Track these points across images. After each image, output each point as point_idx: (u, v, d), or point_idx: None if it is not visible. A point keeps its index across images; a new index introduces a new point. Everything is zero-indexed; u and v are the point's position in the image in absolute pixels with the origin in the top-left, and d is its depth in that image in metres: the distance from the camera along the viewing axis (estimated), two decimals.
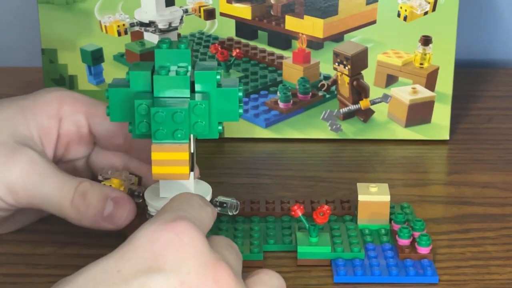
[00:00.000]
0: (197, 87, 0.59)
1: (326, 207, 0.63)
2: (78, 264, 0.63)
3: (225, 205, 0.63)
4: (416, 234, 0.64)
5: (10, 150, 0.61)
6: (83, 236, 0.65)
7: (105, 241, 0.62)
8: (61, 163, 0.67)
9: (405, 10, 0.81)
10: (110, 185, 0.64)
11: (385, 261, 0.63)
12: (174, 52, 0.58)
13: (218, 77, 0.59)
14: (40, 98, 0.65)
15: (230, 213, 0.63)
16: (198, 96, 0.58)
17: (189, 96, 0.58)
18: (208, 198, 0.62)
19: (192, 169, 0.61)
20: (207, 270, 0.49)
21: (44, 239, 0.66)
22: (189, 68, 0.59)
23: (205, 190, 0.63)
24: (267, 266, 0.63)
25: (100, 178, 0.65)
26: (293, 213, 0.64)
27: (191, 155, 0.60)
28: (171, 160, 0.57)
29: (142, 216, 0.63)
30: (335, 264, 0.62)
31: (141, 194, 0.64)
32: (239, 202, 0.63)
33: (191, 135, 0.60)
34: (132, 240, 0.49)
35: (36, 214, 0.67)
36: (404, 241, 0.63)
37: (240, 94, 0.59)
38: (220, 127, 0.60)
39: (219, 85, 0.59)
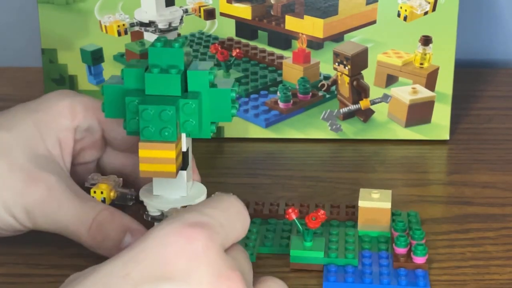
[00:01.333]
0: (189, 87, 0.59)
1: (322, 212, 0.62)
2: (78, 264, 0.63)
3: None
4: (414, 243, 0.63)
5: (30, 175, 0.61)
6: None
7: None
8: (72, 166, 0.67)
9: (405, 10, 0.81)
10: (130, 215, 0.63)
11: (379, 269, 0.62)
12: (168, 50, 0.58)
13: (211, 77, 0.59)
14: (52, 108, 0.65)
15: None
16: (189, 95, 0.59)
17: (180, 94, 0.58)
18: (203, 198, 0.62)
19: (184, 168, 0.61)
20: (220, 279, 0.47)
21: (44, 239, 0.65)
22: (182, 67, 0.59)
23: (200, 190, 0.63)
24: (260, 269, 0.63)
25: (87, 185, 0.65)
26: (287, 216, 0.63)
27: (183, 153, 0.60)
28: (158, 158, 0.58)
29: (136, 218, 0.63)
30: (326, 269, 0.62)
31: (133, 197, 0.64)
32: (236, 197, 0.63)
33: (183, 134, 0.60)
34: (144, 241, 0.47)
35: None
36: (400, 250, 0.63)
37: (233, 94, 0.59)
38: (213, 127, 0.60)
39: (213, 85, 0.59)
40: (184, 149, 0.60)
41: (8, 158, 0.61)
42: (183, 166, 0.61)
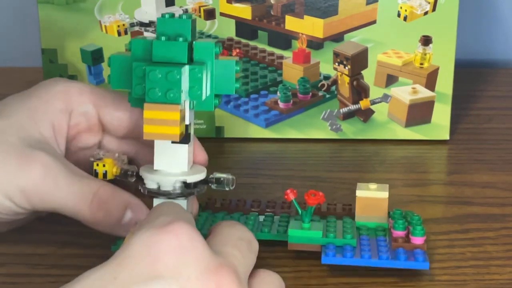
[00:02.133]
0: (195, 57, 0.60)
1: (321, 193, 0.63)
2: (78, 264, 0.63)
3: (222, 179, 0.63)
4: (411, 227, 0.63)
5: (22, 154, 0.60)
6: (83, 236, 0.65)
7: (105, 241, 0.62)
8: (71, 152, 0.67)
9: (405, 10, 0.81)
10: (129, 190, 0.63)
11: (377, 248, 0.62)
12: (175, 21, 0.59)
13: (217, 49, 0.60)
14: (46, 94, 0.65)
15: (227, 189, 0.63)
16: (195, 63, 0.59)
17: (186, 62, 0.59)
18: (204, 175, 0.62)
19: (187, 141, 0.61)
20: (209, 276, 0.47)
21: (44, 239, 0.65)
22: (189, 37, 0.59)
23: (200, 168, 0.63)
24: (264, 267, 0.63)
25: (92, 159, 0.65)
26: (286, 197, 0.63)
27: (186, 126, 0.61)
28: (162, 120, 0.58)
29: (136, 194, 0.63)
30: (324, 248, 0.62)
31: (134, 173, 0.64)
32: (235, 178, 0.63)
33: (187, 104, 0.60)
34: (129, 246, 0.47)
35: (33, 214, 0.67)
36: (398, 232, 0.63)
37: (237, 68, 0.60)
38: (216, 101, 0.60)
39: (217, 58, 0.60)
40: (187, 122, 0.61)
41: (0, 142, 0.61)
42: (185, 140, 0.61)
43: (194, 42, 0.60)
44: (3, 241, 0.65)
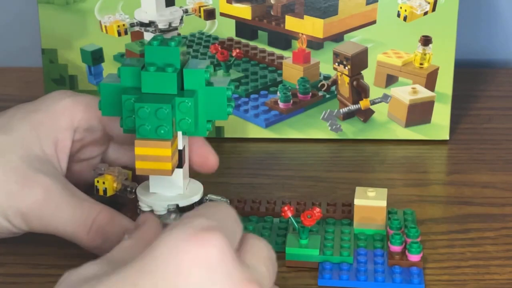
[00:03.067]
0: (186, 85, 0.59)
1: (317, 209, 0.63)
2: (78, 264, 0.63)
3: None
4: (409, 241, 0.63)
5: (24, 177, 0.60)
6: None
7: None
8: (74, 163, 0.67)
9: (405, 10, 0.81)
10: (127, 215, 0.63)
11: (374, 266, 0.62)
12: (164, 49, 0.59)
13: (207, 75, 0.59)
14: (51, 109, 0.64)
15: None
16: (185, 94, 0.59)
17: (176, 93, 0.58)
18: (199, 196, 0.62)
19: (180, 166, 0.61)
20: None
21: (44, 239, 0.65)
22: (178, 66, 0.59)
23: (197, 188, 0.63)
24: None
25: (93, 174, 0.65)
26: (283, 214, 0.63)
27: (179, 151, 0.61)
28: (154, 156, 0.58)
29: (133, 212, 0.63)
30: (321, 267, 0.62)
31: (133, 190, 0.64)
32: (228, 200, 0.64)
33: (179, 132, 0.60)
34: (155, 248, 0.45)
35: None
36: (395, 248, 0.63)
37: (229, 93, 0.60)
38: (209, 125, 0.60)
39: (208, 83, 0.60)
40: (180, 147, 0.61)
41: (2, 160, 0.61)
42: (179, 164, 0.61)
43: (184, 69, 0.59)
44: (3, 241, 0.65)
